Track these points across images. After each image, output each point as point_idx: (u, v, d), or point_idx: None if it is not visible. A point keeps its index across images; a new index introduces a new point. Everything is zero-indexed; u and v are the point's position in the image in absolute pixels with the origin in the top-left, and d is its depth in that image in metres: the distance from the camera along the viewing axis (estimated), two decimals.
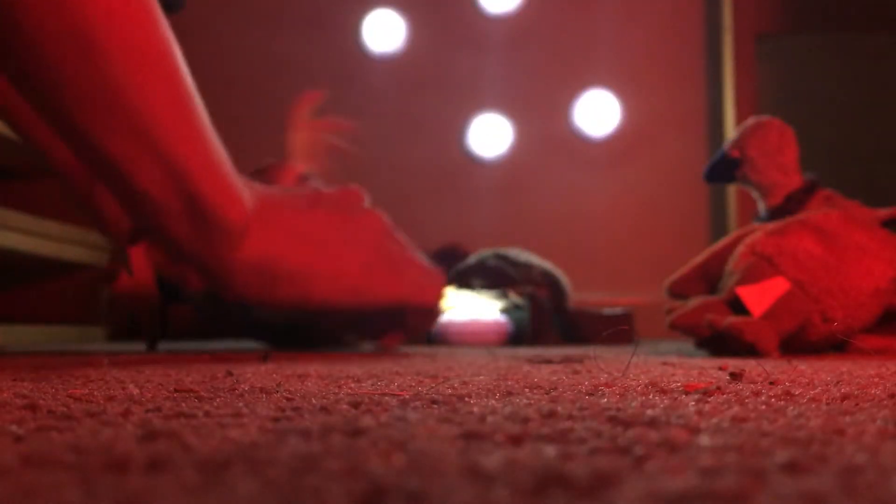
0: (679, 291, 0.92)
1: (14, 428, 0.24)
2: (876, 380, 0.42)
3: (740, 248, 0.87)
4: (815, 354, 0.81)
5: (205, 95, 0.63)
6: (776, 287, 0.80)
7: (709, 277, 0.91)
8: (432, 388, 0.38)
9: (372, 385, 0.39)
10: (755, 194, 1.04)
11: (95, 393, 0.34)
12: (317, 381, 0.42)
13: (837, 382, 0.40)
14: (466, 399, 0.32)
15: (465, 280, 1.50)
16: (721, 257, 0.90)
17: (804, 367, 0.54)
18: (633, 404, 0.30)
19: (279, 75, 2.02)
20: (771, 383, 0.40)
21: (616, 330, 1.42)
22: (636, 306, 1.67)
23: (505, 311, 1.43)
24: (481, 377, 0.45)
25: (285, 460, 0.18)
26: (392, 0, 2.07)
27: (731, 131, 1.87)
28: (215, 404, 0.30)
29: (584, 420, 0.25)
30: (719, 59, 2.02)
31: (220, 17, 2.05)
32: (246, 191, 0.66)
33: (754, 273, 0.82)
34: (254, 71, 2.05)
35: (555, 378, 0.44)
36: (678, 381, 0.40)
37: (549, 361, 0.63)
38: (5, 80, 0.58)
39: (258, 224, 0.66)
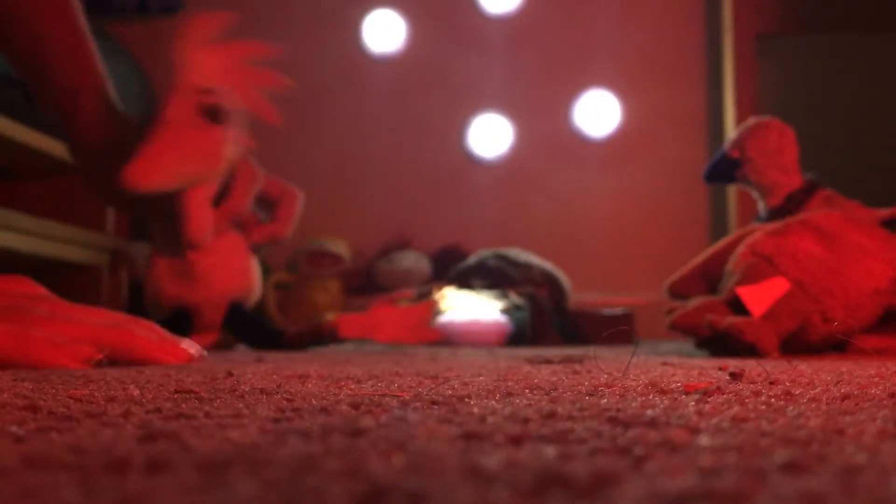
0: (679, 292, 0.92)
1: (14, 429, 0.24)
2: (876, 380, 0.42)
3: (740, 249, 0.87)
4: (815, 354, 0.81)
5: None
6: (776, 287, 0.80)
7: (709, 278, 0.91)
8: (432, 388, 0.38)
9: (372, 386, 0.40)
10: (755, 194, 1.04)
11: (96, 394, 0.34)
12: (317, 381, 0.42)
13: (837, 382, 0.40)
14: (466, 400, 0.32)
15: (465, 280, 1.50)
16: (721, 257, 0.90)
17: (804, 367, 0.54)
18: (633, 405, 0.30)
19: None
20: (771, 383, 0.40)
21: (616, 330, 1.42)
22: (636, 306, 1.67)
23: (505, 311, 1.43)
24: (481, 378, 0.45)
25: (285, 461, 0.18)
26: (392, 0, 2.07)
27: (731, 131, 1.87)
28: (216, 405, 0.30)
29: (584, 420, 0.25)
30: (719, 59, 2.02)
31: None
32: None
33: (754, 273, 0.82)
34: None
35: (555, 378, 0.44)
36: (678, 382, 0.40)
37: (549, 362, 0.63)
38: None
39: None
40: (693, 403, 0.30)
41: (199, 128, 0.82)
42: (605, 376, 0.45)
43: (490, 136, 2.04)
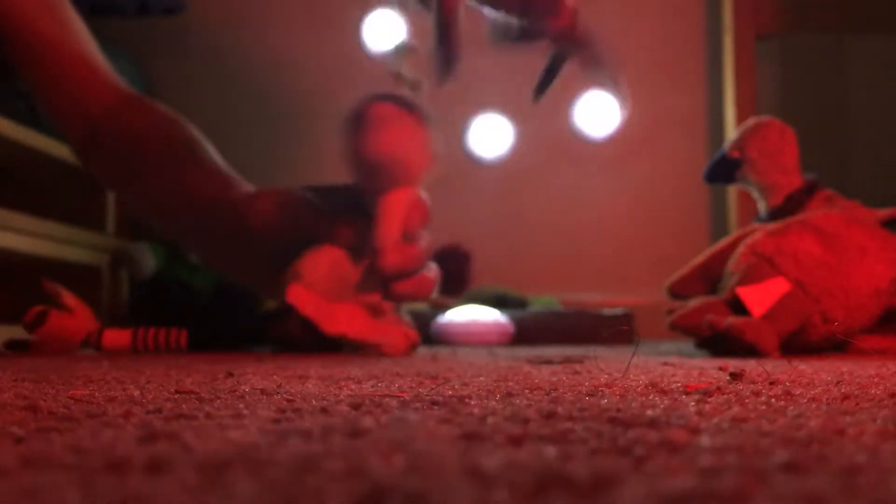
0: (679, 292, 0.92)
1: (15, 429, 0.24)
2: (876, 380, 0.42)
3: (741, 249, 0.87)
4: (815, 354, 0.81)
5: (204, 95, 0.65)
6: (776, 287, 0.80)
7: (709, 278, 0.91)
8: (433, 389, 0.38)
9: (372, 386, 0.40)
10: (755, 195, 1.04)
11: (96, 394, 0.34)
12: (317, 382, 0.42)
13: (837, 382, 0.40)
14: (467, 400, 0.32)
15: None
16: (722, 258, 0.90)
17: (804, 367, 0.54)
18: (634, 405, 0.30)
19: (279, 76, 2.02)
20: (771, 383, 0.40)
21: (616, 330, 1.42)
22: (636, 307, 1.67)
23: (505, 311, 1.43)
24: (481, 378, 0.45)
25: (286, 461, 0.18)
26: (392, 0, 2.07)
27: (731, 132, 1.87)
28: (216, 405, 0.30)
29: (585, 421, 0.25)
30: (720, 59, 2.02)
31: (219, 17, 2.05)
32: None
33: (754, 273, 0.82)
34: (254, 72, 2.05)
35: (555, 379, 0.44)
36: (678, 382, 0.40)
37: (549, 362, 0.63)
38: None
39: None
40: (693, 404, 0.30)
41: (415, 121, 0.77)
42: (606, 376, 0.45)
43: (490, 136, 2.04)
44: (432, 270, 0.79)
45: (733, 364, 0.57)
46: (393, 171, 0.74)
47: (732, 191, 1.93)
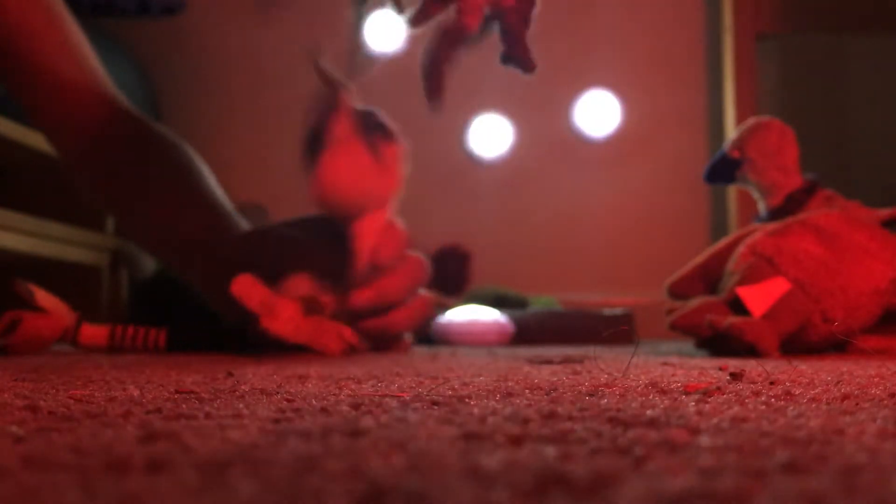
0: (679, 292, 0.92)
1: (14, 429, 0.24)
2: (876, 380, 0.42)
3: (741, 249, 0.87)
4: (815, 354, 0.81)
5: (204, 96, 0.65)
6: (776, 287, 0.80)
7: (709, 278, 0.91)
8: (432, 389, 0.38)
9: (372, 386, 0.40)
10: (755, 194, 1.04)
11: (96, 394, 0.34)
12: (317, 382, 0.42)
13: (837, 382, 0.40)
14: (467, 400, 0.32)
15: None
16: (722, 257, 0.90)
17: (804, 367, 0.54)
18: (634, 405, 0.30)
19: (279, 76, 2.02)
20: (771, 383, 0.40)
21: (616, 330, 1.42)
22: (636, 307, 1.67)
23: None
24: (481, 378, 0.45)
25: (285, 461, 0.18)
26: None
27: (731, 131, 1.87)
28: (216, 405, 0.30)
29: (585, 421, 0.25)
30: (720, 59, 2.02)
31: (219, 18, 2.05)
32: None
33: (754, 273, 0.82)
34: (253, 72, 2.05)
35: (555, 379, 0.44)
36: (678, 382, 0.40)
37: (549, 362, 0.63)
38: None
39: None
40: (693, 403, 0.30)
41: (371, 144, 0.72)
42: (606, 376, 0.45)
43: (490, 136, 2.04)
44: (416, 302, 0.74)
45: (733, 364, 0.57)
46: (356, 202, 0.71)
47: (732, 191, 1.93)
